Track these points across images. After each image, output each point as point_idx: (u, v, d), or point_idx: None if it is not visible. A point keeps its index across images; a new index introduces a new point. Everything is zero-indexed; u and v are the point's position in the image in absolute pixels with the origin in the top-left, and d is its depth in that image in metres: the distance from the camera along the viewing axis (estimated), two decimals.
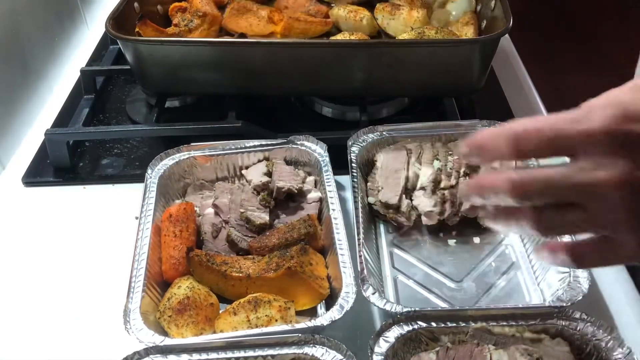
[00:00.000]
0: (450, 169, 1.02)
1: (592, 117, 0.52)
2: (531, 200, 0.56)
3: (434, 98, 1.28)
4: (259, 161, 1.07)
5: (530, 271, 0.94)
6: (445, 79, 1.17)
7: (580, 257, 0.58)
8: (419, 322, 0.78)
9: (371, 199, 1.02)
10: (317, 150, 1.06)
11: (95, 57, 1.51)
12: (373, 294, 0.81)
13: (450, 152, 1.04)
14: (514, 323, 0.78)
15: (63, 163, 1.18)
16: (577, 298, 0.80)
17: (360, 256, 0.86)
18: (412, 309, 0.79)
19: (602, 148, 0.52)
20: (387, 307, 0.80)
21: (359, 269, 0.84)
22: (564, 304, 0.79)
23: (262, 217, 0.97)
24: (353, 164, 1.02)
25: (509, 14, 1.14)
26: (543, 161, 0.62)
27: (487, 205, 0.60)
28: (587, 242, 0.58)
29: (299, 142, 1.07)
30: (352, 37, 1.27)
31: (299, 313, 0.85)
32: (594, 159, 0.52)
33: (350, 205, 0.99)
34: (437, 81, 1.17)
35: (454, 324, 0.78)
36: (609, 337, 0.76)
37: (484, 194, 0.59)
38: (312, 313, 0.87)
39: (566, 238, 0.82)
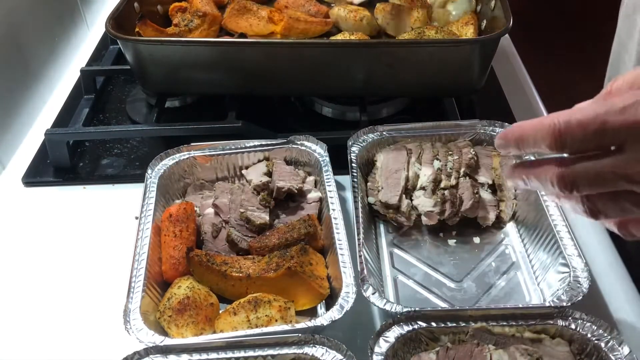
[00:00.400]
0: (450, 169, 1.02)
1: (638, 108, 0.51)
2: (580, 192, 0.56)
3: (434, 98, 1.28)
4: (259, 161, 1.08)
5: (530, 271, 0.94)
6: (445, 79, 1.17)
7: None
8: (419, 322, 0.78)
9: (371, 199, 1.02)
10: (317, 150, 1.06)
11: (96, 57, 1.51)
12: (373, 294, 0.81)
13: (450, 152, 1.04)
14: (514, 323, 0.78)
15: (63, 163, 1.18)
16: (577, 298, 0.80)
17: (360, 256, 0.86)
18: (412, 309, 0.79)
19: None
20: (387, 307, 0.80)
21: (359, 269, 0.84)
22: (564, 304, 0.79)
23: (262, 217, 0.97)
24: (353, 164, 1.02)
25: (509, 14, 1.14)
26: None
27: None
28: None
29: (299, 142, 1.07)
30: (352, 37, 1.27)
31: (299, 313, 0.85)
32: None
33: (350, 205, 0.99)
34: (437, 81, 1.17)
35: (454, 324, 0.78)
36: (609, 337, 0.76)
37: (529, 181, 0.60)
38: (312, 313, 0.87)
39: None
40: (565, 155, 0.58)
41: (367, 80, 1.17)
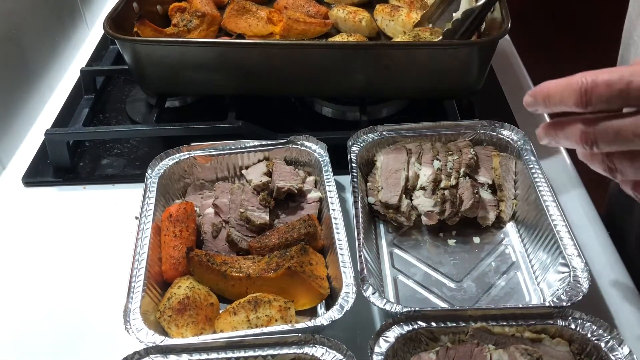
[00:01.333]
0: (450, 169, 1.02)
1: None
2: (600, 149, 0.59)
3: (433, 99, 1.28)
4: (259, 161, 1.08)
5: (530, 271, 0.94)
6: (443, 81, 1.17)
7: None
8: (419, 322, 0.78)
9: (371, 199, 1.02)
10: (317, 150, 1.06)
11: (96, 57, 1.51)
12: (373, 293, 0.82)
13: (450, 152, 1.04)
14: (514, 323, 0.78)
15: (63, 163, 1.18)
16: (577, 298, 0.80)
17: (360, 256, 0.86)
18: (412, 309, 0.79)
19: None
20: (387, 307, 0.80)
21: (359, 269, 0.84)
22: (564, 304, 0.79)
23: (262, 217, 0.97)
24: (353, 164, 1.02)
25: (508, 16, 1.14)
26: None
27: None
28: None
29: (299, 142, 1.08)
30: (350, 39, 1.27)
31: (299, 313, 0.85)
32: None
33: (350, 205, 0.99)
34: (436, 83, 1.17)
35: (454, 324, 0.79)
36: (609, 337, 0.76)
37: (557, 139, 0.63)
38: (312, 313, 0.87)
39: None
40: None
41: (365, 82, 1.17)
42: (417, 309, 0.79)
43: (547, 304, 0.81)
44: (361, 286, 0.82)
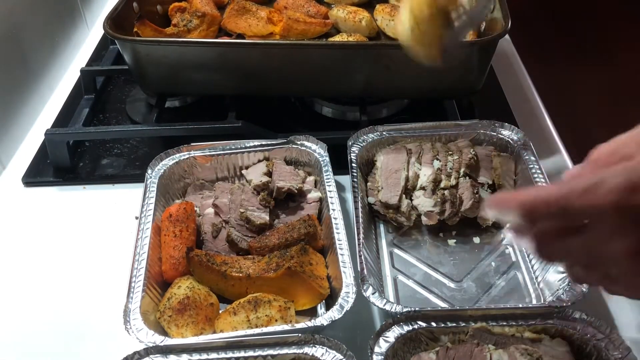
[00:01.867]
0: (450, 169, 1.02)
1: (600, 190, 0.53)
2: (554, 261, 0.63)
3: (433, 99, 1.28)
4: (259, 161, 1.08)
5: (530, 271, 0.94)
6: (443, 80, 1.17)
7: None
8: (419, 322, 0.78)
9: (371, 199, 1.02)
10: (317, 150, 1.06)
11: (96, 57, 1.51)
12: (373, 293, 0.82)
13: (450, 152, 1.04)
14: (513, 323, 0.78)
15: (63, 163, 1.18)
16: (577, 298, 0.80)
17: (360, 256, 0.86)
18: (412, 309, 0.79)
19: (613, 221, 0.54)
20: (387, 307, 0.80)
21: (359, 269, 0.84)
22: (564, 304, 0.79)
23: (262, 217, 0.97)
24: (353, 164, 1.02)
25: (508, 16, 1.14)
26: None
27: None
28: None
29: (299, 142, 1.08)
30: (350, 39, 1.27)
31: (299, 313, 0.85)
32: (605, 228, 0.55)
33: (350, 205, 0.99)
34: (435, 83, 1.17)
35: (454, 324, 0.79)
36: (609, 337, 0.76)
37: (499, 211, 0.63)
38: (312, 313, 0.87)
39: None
40: None
41: (365, 82, 1.17)
42: (416, 309, 0.79)
43: (547, 304, 0.81)
44: (361, 286, 0.82)
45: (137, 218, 0.95)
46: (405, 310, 0.79)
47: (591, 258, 0.59)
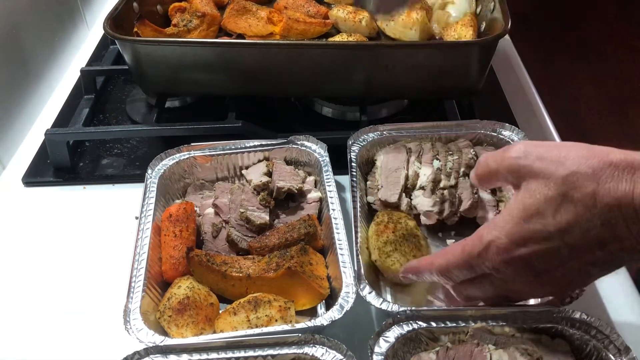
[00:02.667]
0: (450, 168, 1.02)
1: (489, 253, 0.71)
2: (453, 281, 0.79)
3: (433, 99, 1.29)
4: (259, 161, 1.08)
5: None
6: (443, 81, 1.17)
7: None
8: (419, 322, 0.78)
9: (370, 198, 1.02)
10: (317, 150, 1.06)
11: (96, 57, 1.51)
12: (370, 293, 0.82)
13: (450, 152, 1.04)
14: (514, 323, 0.78)
15: (63, 163, 1.18)
16: (576, 299, 0.80)
17: (357, 255, 0.86)
18: (410, 308, 0.79)
19: (506, 269, 0.71)
20: (384, 307, 0.80)
21: (356, 268, 0.84)
22: (562, 305, 0.79)
23: (262, 217, 0.97)
24: (353, 163, 1.02)
25: (508, 16, 1.14)
26: None
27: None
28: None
29: (299, 142, 1.08)
30: (350, 39, 1.27)
31: (299, 313, 0.85)
32: (505, 273, 0.72)
33: (350, 205, 0.99)
34: (435, 83, 1.17)
35: (454, 324, 0.79)
36: (609, 337, 0.76)
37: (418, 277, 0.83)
38: (312, 313, 0.87)
39: None
40: None
41: (365, 82, 1.17)
42: (414, 308, 0.79)
43: (547, 305, 0.81)
44: (358, 285, 0.82)
45: (137, 218, 0.95)
46: (402, 309, 0.79)
47: (500, 292, 0.75)
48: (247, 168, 1.07)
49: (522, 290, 0.75)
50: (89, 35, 1.64)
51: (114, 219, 1.07)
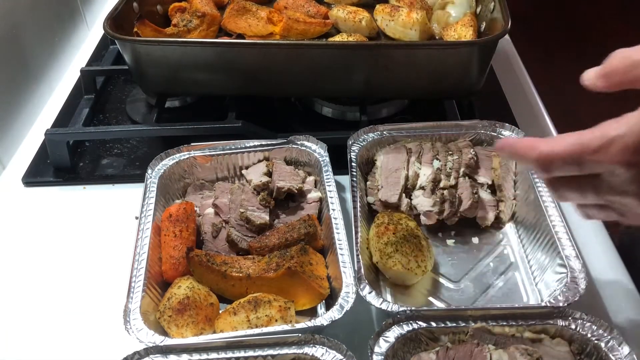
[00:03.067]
0: (450, 169, 1.02)
1: (611, 149, 0.60)
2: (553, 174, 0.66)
3: (433, 99, 1.29)
4: (259, 161, 1.08)
5: (528, 272, 0.94)
6: (443, 81, 1.17)
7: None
8: (419, 322, 0.78)
9: (370, 198, 1.02)
10: (317, 150, 1.06)
11: (96, 57, 1.51)
12: (370, 293, 0.82)
13: (450, 152, 1.04)
14: (513, 323, 0.78)
15: (63, 163, 1.18)
16: (574, 299, 0.80)
17: (357, 255, 0.86)
18: (410, 308, 0.79)
19: (623, 174, 0.60)
20: (384, 307, 0.80)
21: (356, 269, 0.84)
22: (561, 304, 0.79)
23: (262, 217, 0.97)
24: (353, 163, 1.02)
25: (508, 16, 1.14)
26: None
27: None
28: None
29: (299, 142, 1.08)
30: (350, 39, 1.27)
31: (299, 313, 0.85)
32: (617, 179, 0.61)
33: (351, 205, 0.99)
34: (435, 83, 1.17)
35: (454, 324, 0.79)
36: (609, 337, 0.76)
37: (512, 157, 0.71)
38: (312, 313, 0.87)
39: None
40: None
41: (365, 82, 1.17)
42: (414, 308, 0.79)
43: (547, 304, 0.81)
44: (358, 285, 0.82)
45: (137, 218, 0.95)
46: (401, 309, 0.79)
47: (604, 201, 0.64)
48: (247, 168, 1.07)
49: (629, 204, 0.64)
50: (89, 35, 1.64)
51: (114, 219, 1.07)
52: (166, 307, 0.83)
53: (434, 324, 0.78)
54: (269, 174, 1.04)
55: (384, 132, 1.09)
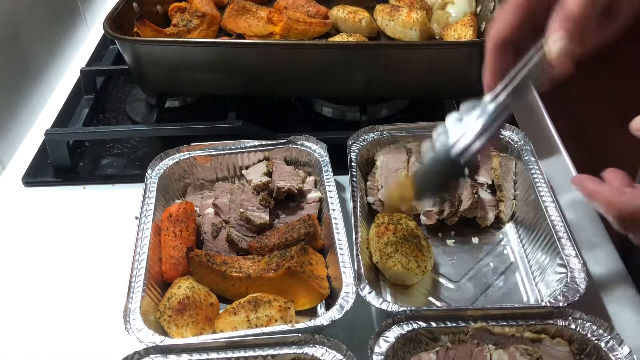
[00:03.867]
0: None
1: None
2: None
3: (433, 99, 1.28)
4: (259, 161, 1.08)
5: (528, 272, 0.94)
6: (443, 81, 1.17)
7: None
8: (419, 322, 0.78)
9: (370, 199, 1.02)
10: (317, 150, 1.06)
11: (96, 57, 1.51)
12: (369, 293, 0.82)
13: None
14: (513, 323, 0.78)
15: (63, 163, 1.18)
16: (574, 299, 0.80)
17: (357, 255, 0.86)
18: (410, 308, 0.79)
19: None
20: (383, 307, 0.80)
21: (356, 269, 0.84)
22: (560, 304, 0.79)
23: (262, 217, 0.97)
24: (353, 163, 1.02)
25: None
26: None
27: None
28: None
29: (299, 142, 1.08)
30: (350, 39, 1.27)
31: (299, 313, 0.85)
32: None
33: (350, 205, 0.99)
34: (435, 83, 1.17)
35: (454, 324, 0.79)
36: (609, 337, 0.76)
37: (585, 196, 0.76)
38: (312, 313, 0.87)
39: None
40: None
41: (365, 82, 1.17)
42: (414, 308, 0.79)
43: (547, 304, 0.81)
44: (358, 285, 0.82)
45: (137, 218, 0.95)
46: (402, 309, 0.79)
47: None
48: (247, 168, 1.07)
49: None
50: (89, 35, 1.64)
51: (114, 219, 1.07)
52: (166, 307, 0.83)
53: (434, 324, 0.78)
54: (269, 174, 1.04)
55: (384, 132, 1.09)
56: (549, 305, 0.80)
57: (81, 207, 1.11)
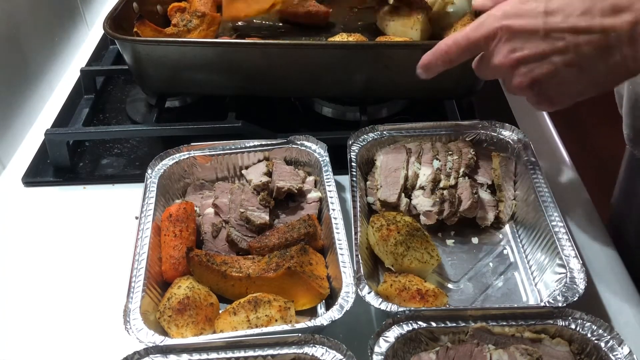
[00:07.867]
0: (450, 169, 1.02)
1: (487, 21, 0.78)
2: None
3: (433, 99, 1.29)
4: (259, 161, 1.08)
5: (527, 272, 0.94)
6: (443, 81, 1.16)
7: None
8: (419, 322, 0.78)
9: (370, 198, 1.02)
10: (317, 150, 1.06)
11: (96, 57, 1.51)
12: (369, 293, 0.82)
13: (450, 152, 1.05)
14: (513, 323, 0.78)
15: (63, 163, 1.18)
16: (573, 299, 0.80)
17: (357, 255, 0.86)
18: (410, 308, 0.79)
19: (503, 38, 0.78)
20: (383, 307, 0.80)
21: (355, 269, 0.85)
22: (560, 305, 0.79)
23: (262, 217, 0.97)
24: (353, 163, 1.02)
25: None
26: None
27: None
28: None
29: (299, 142, 1.08)
30: (350, 39, 1.27)
31: (299, 313, 0.85)
32: (503, 46, 0.78)
33: (350, 205, 0.99)
34: (435, 83, 1.16)
35: (454, 324, 0.79)
36: (609, 337, 0.76)
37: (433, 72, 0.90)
38: (312, 313, 0.87)
39: None
40: None
41: (365, 82, 1.17)
42: (414, 308, 0.79)
43: (547, 304, 0.81)
44: (357, 285, 0.82)
45: (137, 218, 0.95)
46: (402, 309, 0.79)
47: (508, 68, 0.79)
48: (247, 168, 1.07)
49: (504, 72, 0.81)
50: (89, 35, 1.64)
51: (114, 219, 1.07)
52: (166, 307, 0.83)
53: (434, 324, 0.78)
54: (269, 174, 1.04)
55: (384, 132, 1.09)
56: (548, 305, 0.80)
57: (81, 207, 1.11)
